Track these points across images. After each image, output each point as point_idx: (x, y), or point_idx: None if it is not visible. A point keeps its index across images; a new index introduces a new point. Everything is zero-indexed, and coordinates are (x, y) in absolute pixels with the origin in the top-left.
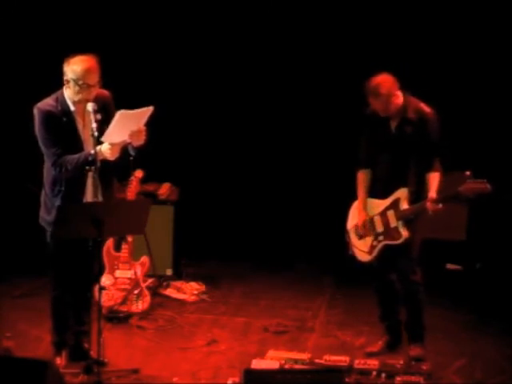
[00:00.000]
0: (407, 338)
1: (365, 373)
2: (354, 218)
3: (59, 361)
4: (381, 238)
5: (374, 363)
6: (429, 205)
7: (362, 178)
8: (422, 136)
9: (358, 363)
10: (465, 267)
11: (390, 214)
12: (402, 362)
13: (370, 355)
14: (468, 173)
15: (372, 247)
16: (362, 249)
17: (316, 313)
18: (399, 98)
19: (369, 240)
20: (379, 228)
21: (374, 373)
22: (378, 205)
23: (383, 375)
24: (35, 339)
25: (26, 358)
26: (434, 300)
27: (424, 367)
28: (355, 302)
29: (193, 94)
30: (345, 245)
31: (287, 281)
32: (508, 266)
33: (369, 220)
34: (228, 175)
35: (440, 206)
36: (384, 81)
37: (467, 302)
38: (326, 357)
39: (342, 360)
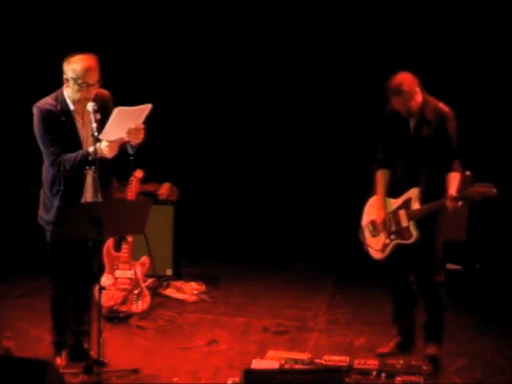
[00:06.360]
0: (425, 336)
1: (365, 373)
2: (368, 215)
3: (59, 361)
4: (393, 236)
5: (373, 363)
6: (448, 202)
7: (381, 177)
8: (440, 137)
9: (358, 363)
10: (465, 267)
11: (402, 213)
12: (401, 361)
13: (382, 356)
14: (468, 173)
15: (384, 245)
16: (375, 247)
17: (316, 313)
18: (420, 95)
19: (382, 238)
20: (392, 227)
21: (374, 373)
22: (392, 204)
23: (383, 375)
24: (35, 339)
25: (26, 358)
26: None
27: (424, 367)
28: (355, 301)
29: (193, 93)
30: (344, 244)
31: (287, 281)
32: (508, 266)
33: (387, 219)
34: (228, 175)
35: (460, 203)
36: (405, 78)
37: (467, 302)
38: (326, 357)
39: (342, 360)
